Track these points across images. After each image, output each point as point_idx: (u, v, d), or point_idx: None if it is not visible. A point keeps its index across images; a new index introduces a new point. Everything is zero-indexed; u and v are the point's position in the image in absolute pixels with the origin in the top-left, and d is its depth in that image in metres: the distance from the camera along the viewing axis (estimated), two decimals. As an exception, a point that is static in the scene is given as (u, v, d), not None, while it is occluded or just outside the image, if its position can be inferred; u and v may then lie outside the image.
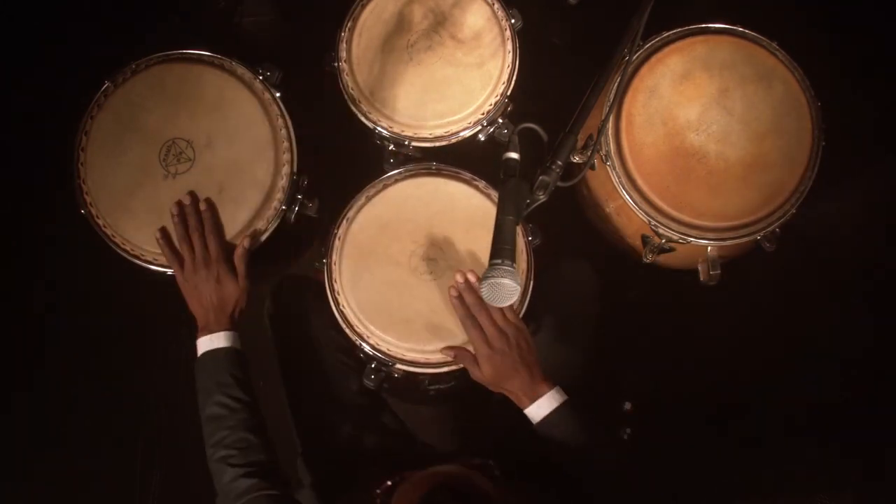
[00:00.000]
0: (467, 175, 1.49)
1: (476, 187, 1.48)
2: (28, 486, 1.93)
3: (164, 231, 1.41)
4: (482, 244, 1.43)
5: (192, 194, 1.42)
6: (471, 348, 1.32)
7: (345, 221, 1.47)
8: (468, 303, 1.32)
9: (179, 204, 1.40)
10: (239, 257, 1.40)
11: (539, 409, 1.25)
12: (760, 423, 1.87)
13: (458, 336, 1.39)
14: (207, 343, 1.35)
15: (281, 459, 1.30)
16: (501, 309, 1.30)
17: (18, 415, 1.96)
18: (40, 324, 2.00)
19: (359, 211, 1.47)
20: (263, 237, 1.47)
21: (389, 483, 1.15)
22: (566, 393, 1.27)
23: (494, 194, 1.45)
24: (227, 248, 1.41)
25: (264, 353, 1.56)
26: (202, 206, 1.41)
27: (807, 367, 1.91)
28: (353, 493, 1.34)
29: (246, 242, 1.41)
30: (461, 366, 1.40)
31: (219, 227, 1.41)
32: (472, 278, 1.34)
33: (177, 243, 1.40)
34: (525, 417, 1.27)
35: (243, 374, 1.34)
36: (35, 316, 2.01)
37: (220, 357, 1.34)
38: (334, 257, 1.45)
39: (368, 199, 1.48)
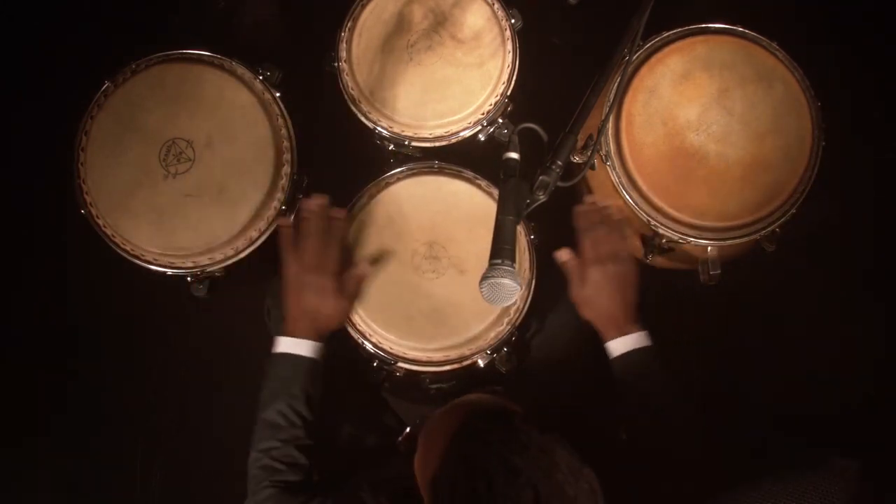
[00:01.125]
0: (469, 173, 1.49)
1: (478, 186, 1.48)
2: (28, 486, 1.94)
3: (293, 222, 1.39)
4: (484, 243, 1.41)
5: (326, 197, 1.38)
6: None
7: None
8: (594, 219, 1.35)
9: (313, 202, 1.37)
10: (354, 279, 1.37)
11: (623, 344, 1.25)
12: (760, 422, 1.87)
13: (460, 336, 1.39)
14: (290, 346, 1.31)
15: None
16: (624, 239, 1.32)
17: (18, 415, 1.96)
18: (40, 324, 2.00)
19: (361, 209, 1.47)
20: (261, 236, 1.47)
21: (409, 429, 1.13)
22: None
23: (496, 193, 1.45)
24: (343, 266, 1.37)
25: (264, 351, 1.56)
26: (337, 214, 1.38)
27: (807, 367, 1.91)
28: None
29: (365, 268, 1.38)
30: (464, 364, 1.40)
31: (338, 243, 1.37)
32: (608, 202, 1.38)
33: (304, 235, 1.36)
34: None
35: (315, 391, 1.30)
36: (35, 316, 2.01)
37: (298, 364, 1.30)
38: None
39: (371, 197, 1.48)
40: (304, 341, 1.31)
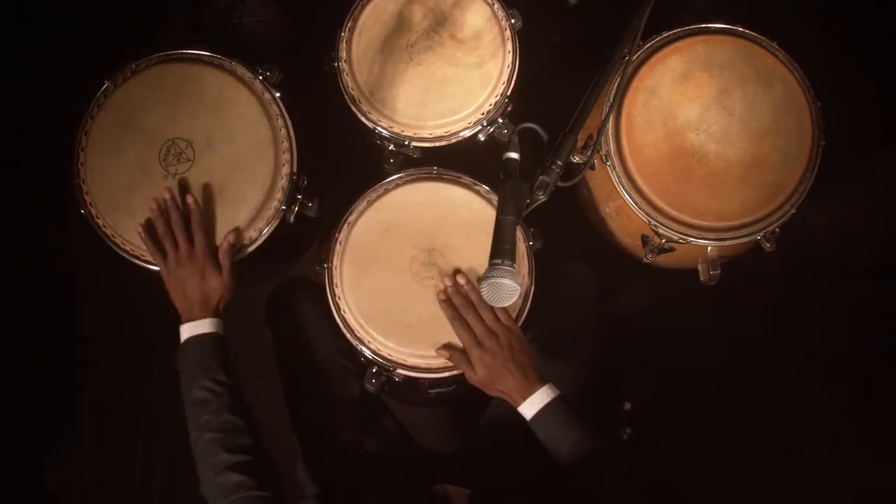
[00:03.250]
0: (468, 179, 1.48)
1: (477, 192, 1.47)
2: (28, 486, 1.94)
3: (147, 224, 1.41)
4: (483, 249, 1.42)
5: (170, 191, 1.42)
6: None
7: (346, 226, 1.46)
8: (456, 304, 1.33)
9: (157, 200, 1.40)
10: (224, 252, 1.40)
11: (531, 406, 1.25)
12: (759, 422, 1.87)
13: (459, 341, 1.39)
14: (190, 329, 1.34)
15: (280, 463, 1.30)
16: (492, 310, 1.31)
17: (18, 415, 1.96)
18: (39, 324, 2.00)
19: (360, 215, 1.46)
20: (260, 236, 1.47)
21: None
22: (559, 392, 1.26)
23: (495, 199, 1.45)
24: (213, 245, 1.41)
25: (264, 355, 1.56)
26: (189, 200, 1.41)
27: (807, 367, 1.91)
28: None
29: (231, 238, 1.41)
30: (461, 370, 1.40)
31: (205, 224, 1.41)
32: (461, 280, 1.36)
33: (160, 237, 1.39)
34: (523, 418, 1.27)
35: (226, 358, 1.33)
36: (35, 316, 2.01)
37: (204, 342, 1.33)
38: (335, 262, 1.44)
39: (370, 203, 1.47)
40: (199, 321, 1.34)
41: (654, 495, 1.30)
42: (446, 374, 1.40)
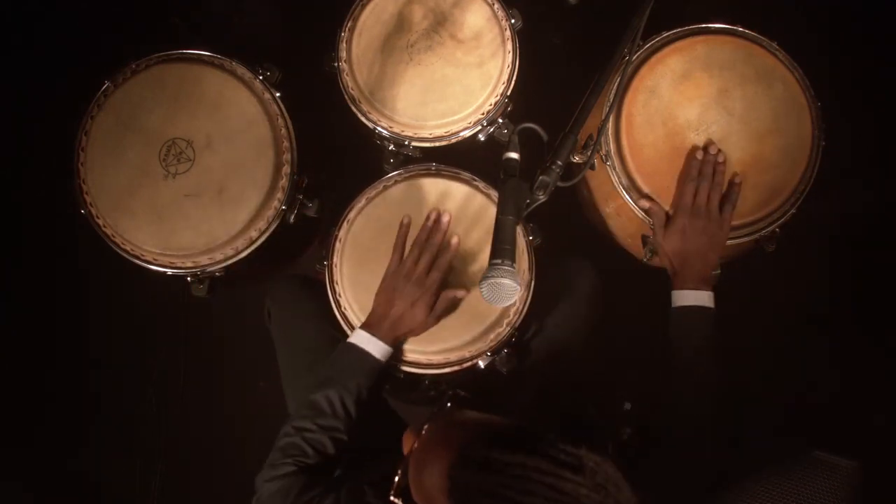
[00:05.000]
0: (467, 175, 1.49)
1: (476, 188, 1.47)
2: (28, 486, 1.94)
3: (410, 224, 1.41)
4: (482, 244, 1.43)
5: (450, 216, 1.41)
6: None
7: (345, 223, 1.46)
8: (702, 170, 1.36)
9: (437, 216, 1.40)
10: (445, 302, 1.37)
11: (690, 298, 1.28)
12: (760, 422, 1.87)
13: (460, 338, 1.39)
14: (366, 340, 1.32)
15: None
16: (724, 200, 1.34)
17: (18, 415, 1.96)
18: (39, 324, 2.01)
19: (359, 213, 1.47)
20: (261, 236, 1.47)
21: (397, 479, 1.11)
22: None
23: (494, 194, 1.45)
24: (441, 285, 1.38)
25: (265, 354, 1.56)
26: (455, 241, 1.39)
27: (807, 367, 1.91)
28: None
29: (461, 293, 1.38)
30: (464, 366, 1.40)
31: (447, 268, 1.38)
32: (721, 159, 1.38)
33: (415, 242, 1.39)
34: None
35: (368, 393, 1.31)
36: (34, 316, 2.01)
37: (366, 362, 1.31)
38: (335, 259, 1.45)
39: (369, 200, 1.47)
40: (378, 341, 1.32)
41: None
42: (447, 371, 1.41)
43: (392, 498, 0.99)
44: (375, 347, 1.32)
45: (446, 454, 0.88)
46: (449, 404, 1.07)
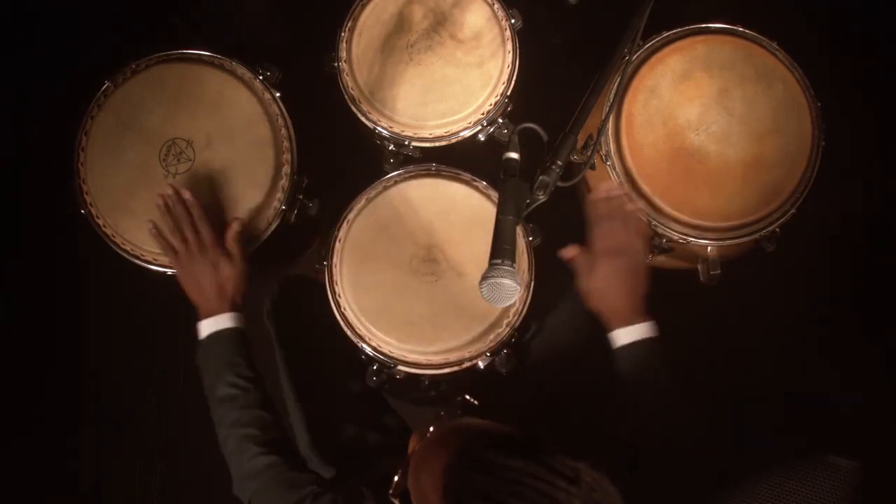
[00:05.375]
0: (467, 176, 1.49)
1: (476, 188, 1.48)
2: (28, 486, 1.94)
3: (155, 224, 1.40)
4: (482, 245, 1.42)
5: (172, 187, 1.40)
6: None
7: (345, 223, 1.47)
8: (613, 206, 1.35)
9: (163, 196, 1.39)
10: (231, 240, 1.38)
11: (627, 334, 1.25)
12: (760, 422, 1.87)
13: (460, 338, 1.39)
14: (211, 325, 1.33)
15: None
16: (636, 229, 1.33)
17: (18, 415, 1.96)
18: (39, 324, 2.01)
19: (359, 213, 1.47)
20: (261, 236, 1.47)
21: (397, 479, 1.11)
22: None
23: (494, 195, 1.46)
24: (220, 235, 1.39)
25: (265, 353, 1.56)
26: (187, 195, 1.39)
27: (807, 367, 1.91)
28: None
29: (236, 225, 1.40)
30: (463, 366, 1.40)
31: (211, 216, 1.39)
32: (623, 190, 1.38)
33: (167, 235, 1.39)
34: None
35: (249, 351, 1.33)
36: (35, 316, 2.01)
37: (225, 337, 1.32)
38: (335, 259, 1.45)
39: (369, 200, 1.47)
40: (219, 316, 1.33)
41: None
42: (446, 371, 1.41)
43: (391, 497, 0.99)
44: (224, 321, 1.33)
45: (445, 455, 0.88)
46: (459, 411, 1.07)
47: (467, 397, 1.17)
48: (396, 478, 0.99)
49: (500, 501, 0.82)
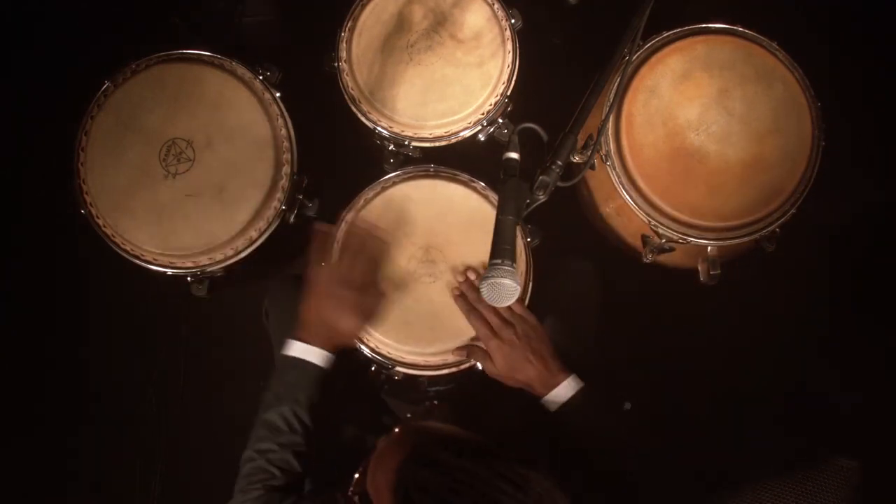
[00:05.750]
0: (465, 177, 1.48)
1: (474, 189, 1.47)
2: (28, 486, 1.94)
3: (324, 227, 1.39)
4: (481, 246, 1.42)
5: (367, 221, 1.39)
6: (481, 344, 1.33)
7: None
8: (470, 298, 1.34)
9: (351, 222, 1.39)
10: (374, 299, 1.36)
11: (556, 396, 1.24)
12: (760, 422, 1.87)
13: (459, 337, 1.39)
14: (303, 351, 1.29)
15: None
16: (513, 305, 1.31)
17: (18, 415, 1.96)
18: (40, 324, 2.01)
19: (357, 214, 1.47)
20: (261, 236, 1.47)
21: (357, 475, 1.12)
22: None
23: (493, 196, 1.45)
24: (370, 287, 1.36)
25: (264, 354, 1.56)
26: (382, 235, 1.38)
27: (807, 367, 1.91)
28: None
29: (383, 291, 1.37)
30: (461, 367, 1.40)
31: (373, 267, 1.37)
32: (472, 276, 1.37)
33: (341, 246, 1.37)
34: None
35: (319, 400, 1.29)
36: (35, 316, 2.01)
37: (309, 372, 1.29)
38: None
39: (367, 202, 1.47)
40: (316, 350, 1.30)
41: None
42: (445, 372, 1.41)
43: (350, 494, 1.00)
44: (316, 356, 1.30)
45: (400, 453, 0.92)
46: (426, 414, 1.09)
47: (435, 402, 1.18)
48: (357, 475, 1.02)
49: (442, 498, 0.85)
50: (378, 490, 0.94)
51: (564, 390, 1.25)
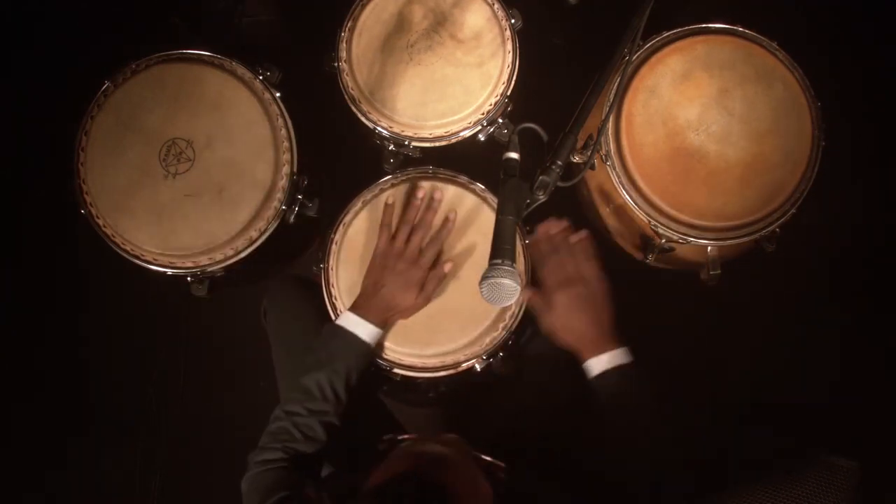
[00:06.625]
0: (464, 178, 1.48)
1: (473, 191, 1.47)
2: (28, 486, 1.94)
3: (395, 201, 1.40)
4: (479, 248, 1.42)
5: (441, 193, 1.41)
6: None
7: (341, 226, 1.46)
8: (554, 242, 1.33)
9: (429, 198, 1.39)
10: (436, 280, 1.36)
11: (600, 363, 1.23)
12: (761, 422, 1.87)
13: (456, 341, 1.39)
14: (351, 321, 1.31)
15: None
16: (585, 258, 1.31)
17: (18, 415, 1.96)
18: (40, 324, 2.01)
19: (356, 216, 1.47)
20: (261, 236, 1.47)
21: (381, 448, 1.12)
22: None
23: (491, 198, 1.46)
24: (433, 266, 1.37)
25: (265, 352, 1.56)
26: (452, 216, 1.40)
27: (807, 367, 1.91)
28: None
29: (447, 267, 1.38)
30: (459, 370, 1.40)
31: (438, 247, 1.38)
32: (565, 224, 1.36)
33: (404, 221, 1.38)
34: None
35: (357, 375, 1.30)
36: (35, 316, 2.01)
37: (354, 345, 1.30)
38: (331, 262, 1.45)
39: (365, 203, 1.47)
40: (366, 323, 1.30)
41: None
42: (443, 374, 1.40)
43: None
44: (365, 330, 1.30)
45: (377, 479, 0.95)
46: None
47: (402, 437, 1.19)
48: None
49: None
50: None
51: (609, 360, 1.23)
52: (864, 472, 1.51)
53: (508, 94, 1.55)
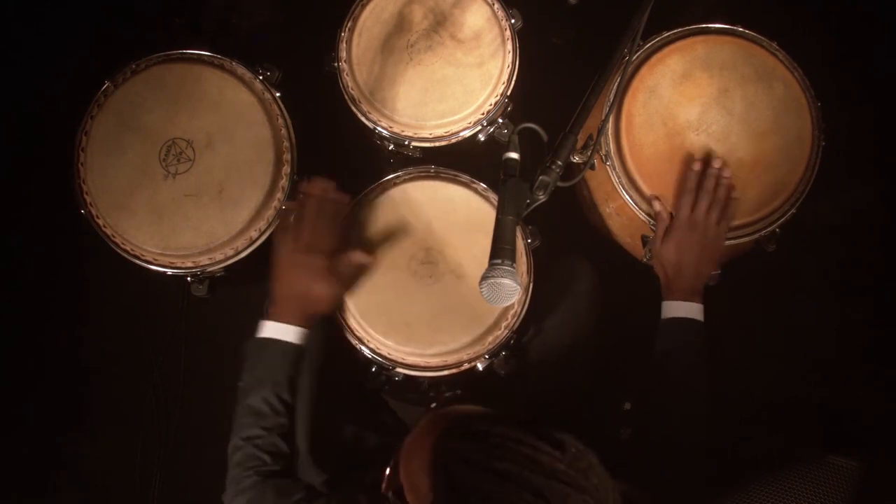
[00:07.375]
0: (466, 178, 1.48)
1: (475, 190, 1.47)
2: (28, 486, 1.94)
3: (289, 204, 1.39)
4: (481, 247, 1.42)
5: (330, 182, 1.37)
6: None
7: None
8: (705, 184, 1.37)
9: (315, 184, 1.37)
10: (348, 263, 1.35)
11: (680, 309, 1.29)
12: (761, 421, 1.87)
13: (458, 340, 1.39)
14: (275, 330, 1.29)
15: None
16: (721, 212, 1.36)
17: (19, 415, 1.96)
18: (40, 324, 2.01)
19: (357, 215, 1.47)
20: (261, 236, 1.47)
21: (388, 471, 1.11)
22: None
23: (493, 197, 1.46)
24: (338, 251, 1.34)
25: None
26: (338, 197, 1.37)
27: (807, 367, 1.91)
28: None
29: (359, 256, 1.37)
30: (462, 368, 1.40)
31: (336, 227, 1.35)
32: (727, 173, 1.39)
33: (296, 216, 1.35)
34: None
35: (297, 377, 1.29)
36: (35, 316, 2.01)
37: (285, 351, 1.28)
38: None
39: (367, 202, 1.47)
40: (290, 327, 1.29)
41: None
42: (445, 373, 1.41)
43: (384, 492, 0.99)
44: (290, 333, 1.29)
45: (432, 436, 0.90)
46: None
47: (458, 392, 1.18)
48: (387, 471, 0.99)
49: (483, 465, 0.84)
50: (413, 475, 0.91)
51: (687, 309, 1.29)
52: (863, 472, 1.52)
53: (508, 94, 1.55)
